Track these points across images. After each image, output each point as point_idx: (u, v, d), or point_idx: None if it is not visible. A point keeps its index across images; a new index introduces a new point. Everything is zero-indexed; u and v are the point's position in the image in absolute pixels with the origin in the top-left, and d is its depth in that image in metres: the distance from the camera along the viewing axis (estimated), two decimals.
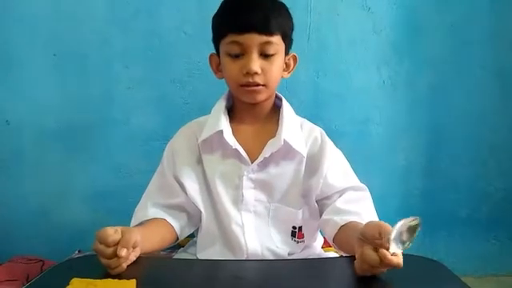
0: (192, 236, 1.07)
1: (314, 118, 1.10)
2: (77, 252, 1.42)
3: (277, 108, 1.01)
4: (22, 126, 1.45)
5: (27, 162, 1.47)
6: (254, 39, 0.88)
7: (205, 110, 1.12)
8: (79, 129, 1.47)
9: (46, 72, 1.44)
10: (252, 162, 0.94)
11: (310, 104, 1.51)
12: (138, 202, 1.00)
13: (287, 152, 0.95)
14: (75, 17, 1.43)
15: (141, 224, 0.93)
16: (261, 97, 0.94)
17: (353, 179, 1.00)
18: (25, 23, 1.41)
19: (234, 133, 0.96)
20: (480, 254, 1.69)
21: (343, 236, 0.90)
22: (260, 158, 0.93)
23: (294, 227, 0.97)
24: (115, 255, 0.70)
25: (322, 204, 0.98)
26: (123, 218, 0.98)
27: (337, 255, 1.00)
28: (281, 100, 1.01)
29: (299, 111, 1.07)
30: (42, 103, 1.45)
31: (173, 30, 1.47)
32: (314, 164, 0.97)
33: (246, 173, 0.94)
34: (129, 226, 0.91)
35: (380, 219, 0.97)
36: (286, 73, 0.99)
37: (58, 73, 1.45)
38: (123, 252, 0.70)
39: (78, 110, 1.47)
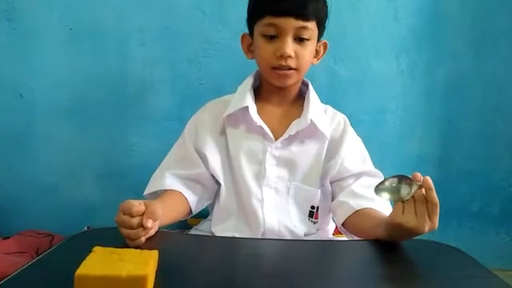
0: (202, 216, 1.08)
1: (330, 104, 1.10)
2: (86, 228, 1.42)
3: (302, 93, 1.03)
4: (36, 100, 1.43)
5: (39, 136, 1.46)
6: (291, 23, 0.89)
7: (220, 90, 1.12)
8: (93, 105, 1.46)
9: (62, 46, 1.42)
10: (276, 140, 0.95)
11: (326, 90, 1.49)
12: (149, 181, 1.00)
13: (312, 132, 0.97)
14: None
15: (155, 194, 0.95)
16: (290, 81, 0.96)
17: (369, 165, 1.02)
18: None
19: (259, 112, 0.98)
20: (490, 248, 1.69)
21: (356, 221, 0.91)
22: (285, 136, 0.95)
23: (313, 207, 0.98)
24: (139, 226, 0.70)
25: (335, 185, 0.99)
26: (134, 196, 0.96)
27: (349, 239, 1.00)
28: (307, 86, 1.03)
29: None
30: (56, 78, 1.43)
31: (191, 9, 1.45)
32: (334, 147, 0.99)
33: (269, 149, 0.95)
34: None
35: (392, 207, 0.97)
36: (315, 59, 1.01)
37: (74, 48, 1.42)
38: (149, 223, 0.70)
39: (93, 87, 1.45)
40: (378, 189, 0.75)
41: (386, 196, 0.75)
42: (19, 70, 1.41)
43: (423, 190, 0.71)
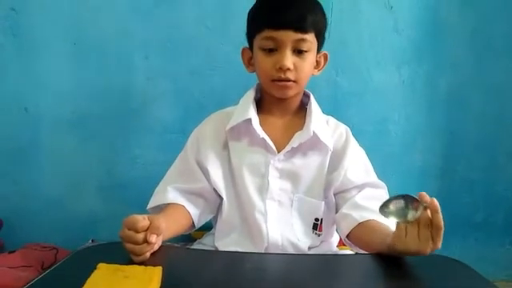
0: (206, 229, 1.08)
1: (332, 115, 1.10)
2: (90, 241, 1.43)
3: (303, 105, 1.03)
4: (40, 113, 1.45)
5: (44, 149, 1.47)
6: (289, 36, 0.90)
7: (223, 103, 1.12)
8: (97, 118, 1.47)
9: (66, 61, 1.44)
10: (279, 152, 0.95)
11: (328, 101, 1.49)
12: (153, 193, 1.01)
13: (314, 144, 0.97)
14: (96, 6, 1.42)
15: (159, 207, 0.95)
16: (291, 92, 0.96)
17: (372, 176, 1.02)
18: (46, 11, 1.41)
19: (262, 124, 0.98)
20: (494, 258, 1.68)
21: (360, 234, 0.91)
22: (288, 148, 0.95)
23: (317, 219, 0.98)
24: (144, 241, 0.70)
25: (339, 197, 0.99)
26: (137, 209, 0.98)
27: (353, 253, 1.00)
28: (308, 97, 1.03)
29: None
30: (61, 92, 1.45)
31: (194, 22, 1.46)
32: (336, 158, 0.99)
33: (272, 162, 0.95)
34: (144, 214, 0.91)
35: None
36: (316, 70, 1.01)
37: (78, 62, 1.44)
38: (153, 238, 0.70)
39: (96, 100, 1.46)
40: (384, 211, 0.73)
41: (392, 219, 0.73)
42: (24, 85, 1.43)
43: (428, 211, 0.69)
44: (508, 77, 1.62)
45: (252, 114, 0.96)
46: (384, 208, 0.73)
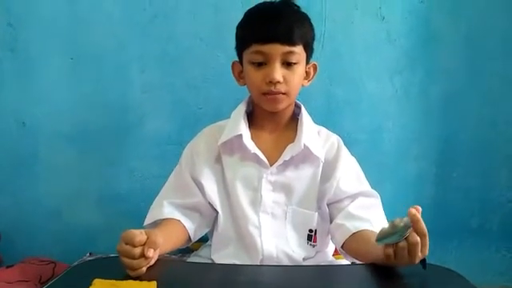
0: (203, 241, 1.09)
1: (326, 125, 1.12)
2: (88, 254, 1.43)
3: (295, 116, 1.04)
4: (38, 127, 1.46)
5: (41, 163, 1.48)
6: (277, 49, 0.91)
7: (219, 115, 1.14)
8: (94, 132, 1.48)
9: (63, 75, 1.45)
10: (271, 166, 0.96)
11: (322, 111, 1.51)
12: (150, 205, 1.02)
13: (306, 156, 0.98)
14: (92, 21, 1.44)
15: (155, 223, 0.96)
16: (281, 106, 0.97)
17: (365, 185, 1.03)
18: (43, 26, 1.43)
19: (253, 138, 0.98)
20: (491, 264, 1.67)
21: (354, 244, 0.92)
22: (280, 161, 0.96)
23: (311, 230, 0.99)
24: (141, 256, 0.71)
25: (332, 207, 1.00)
26: (135, 221, 0.99)
27: (349, 263, 1.01)
28: (299, 108, 1.04)
29: (312, 118, 1.08)
30: (58, 106, 1.46)
31: (189, 35, 1.48)
32: (329, 169, 1.00)
33: (265, 175, 0.96)
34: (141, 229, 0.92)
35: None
36: (306, 81, 1.02)
37: (75, 76, 1.46)
38: (151, 252, 0.71)
39: (93, 114, 1.47)
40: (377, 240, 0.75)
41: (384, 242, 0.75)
42: (22, 99, 1.45)
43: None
44: (501, 83, 1.63)
45: (243, 128, 0.98)
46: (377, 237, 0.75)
